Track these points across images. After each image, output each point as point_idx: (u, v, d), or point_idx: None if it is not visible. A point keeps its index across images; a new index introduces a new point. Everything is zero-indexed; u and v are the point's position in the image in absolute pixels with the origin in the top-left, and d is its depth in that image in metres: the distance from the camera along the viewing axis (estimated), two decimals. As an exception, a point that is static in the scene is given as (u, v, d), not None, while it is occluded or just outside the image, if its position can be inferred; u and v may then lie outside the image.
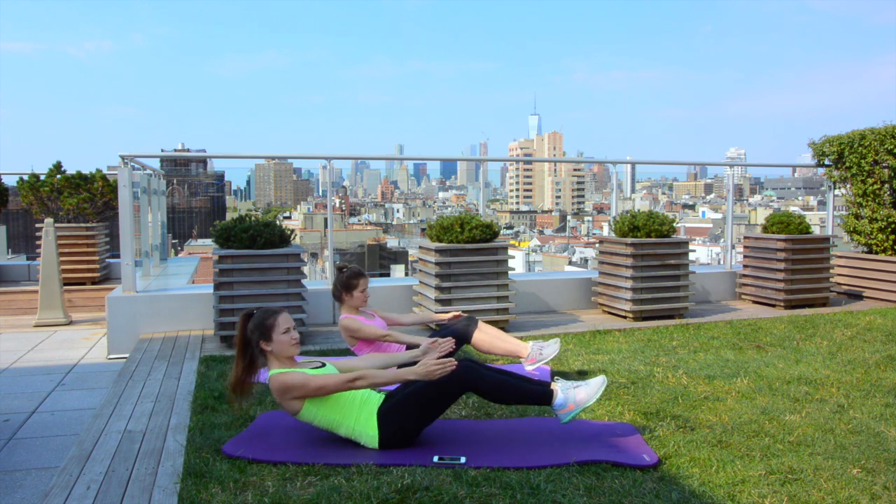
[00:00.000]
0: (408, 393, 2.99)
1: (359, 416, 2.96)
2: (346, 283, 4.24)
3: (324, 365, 3.12)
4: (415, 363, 3.16)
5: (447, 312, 4.39)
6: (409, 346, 4.04)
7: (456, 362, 2.97)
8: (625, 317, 6.07)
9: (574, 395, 3.04)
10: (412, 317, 4.70)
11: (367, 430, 2.95)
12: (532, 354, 4.11)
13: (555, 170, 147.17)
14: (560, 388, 3.06)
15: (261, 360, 3.09)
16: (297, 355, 3.16)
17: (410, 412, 2.96)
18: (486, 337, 4.13)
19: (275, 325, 3.03)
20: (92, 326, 6.66)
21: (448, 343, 3.46)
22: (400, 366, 3.26)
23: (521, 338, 5.29)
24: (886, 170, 7.16)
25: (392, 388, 3.22)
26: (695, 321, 5.94)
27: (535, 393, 3.07)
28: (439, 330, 4.25)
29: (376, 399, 3.02)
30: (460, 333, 4.12)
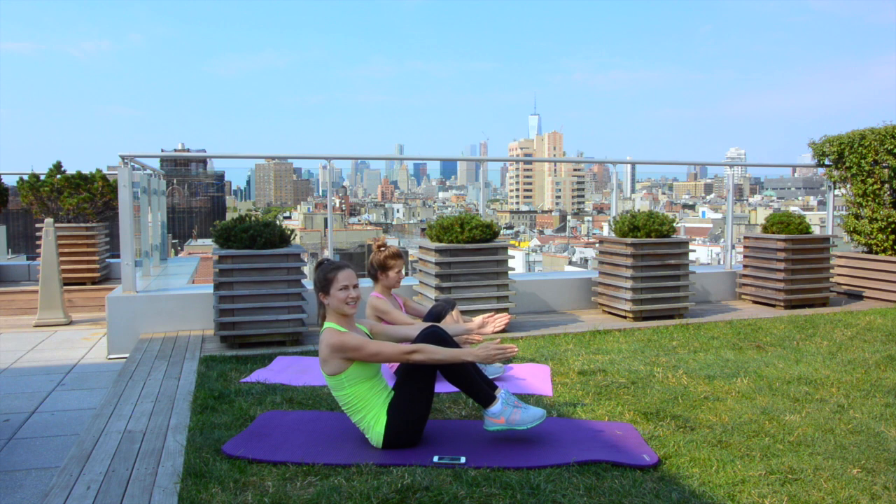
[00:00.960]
0: (400, 381, 3.00)
1: (377, 413, 2.97)
2: (384, 262, 4.28)
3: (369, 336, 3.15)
4: (466, 338, 3.15)
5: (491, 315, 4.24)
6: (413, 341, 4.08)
7: (517, 349, 3.03)
8: (625, 317, 6.07)
9: (510, 413, 2.99)
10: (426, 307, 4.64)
11: (376, 426, 2.95)
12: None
13: (555, 170, 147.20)
14: (501, 400, 3.01)
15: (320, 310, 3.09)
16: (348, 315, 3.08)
17: (408, 399, 2.96)
18: (449, 321, 4.18)
19: (334, 279, 3.03)
20: (92, 326, 6.66)
21: (503, 318, 3.49)
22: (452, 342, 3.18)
23: (520, 338, 5.29)
24: (886, 170, 7.16)
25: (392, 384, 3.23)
26: (695, 321, 5.94)
27: (481, 390, 3.04)
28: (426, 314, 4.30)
29: (389, 397, 3.03)
30: (436, 315, 4.22)
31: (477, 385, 3.03)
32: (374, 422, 2.96)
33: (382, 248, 4.35)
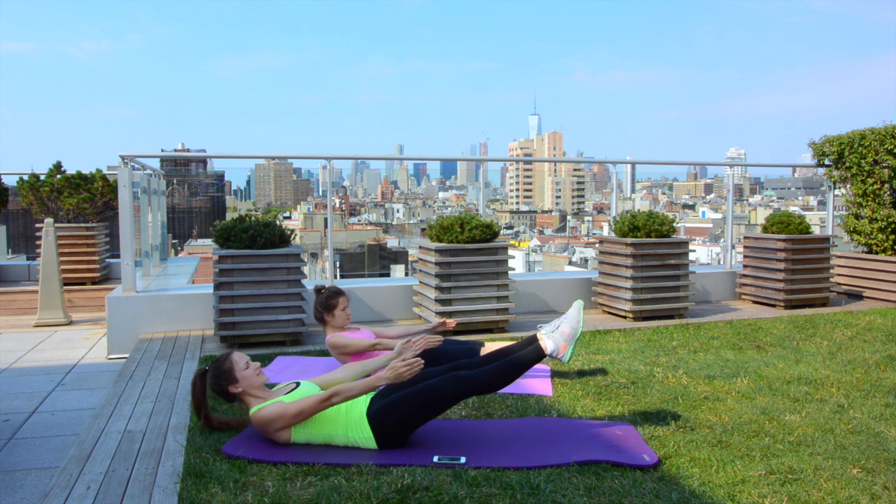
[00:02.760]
0: (401, 397, 2.96)
1: (348, 424, 2.96)
2: (326, 303, 4.23)
3: (298, 384, 3.13)
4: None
5: (440, 318, 4.30)
6: None
7: (423, 361, 2.96)
8: (625, 317, 6.07)
9: (560, 335, 3.09)
10: (399, 329, 4.66)
11: (360, 434, 2.94)
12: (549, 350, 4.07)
13: (555, 170, 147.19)
14: (546, 337, 3.12)
15: (238, 405, 3.17)
16: (266, 384, 3.20)
17: (406, 415, 2.95)
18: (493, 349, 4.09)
19: (233, 366, 3.08)
20: (92, 326, 6.66)
21: (421, 341, 3.40)
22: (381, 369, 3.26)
23: (520, 338, 5.29)
24: (886, 170, 7.16)
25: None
26: (695, 321, 5.94)
27: (528, 357, 3.11)
28: (447, 346, 4.09)
29: (361, 402, 3.01)
30: (466, 356, 4.01)
31: (523, 360, 3.11)
32: (354, 433, 2.95)
33: (322, 291, 4.29)
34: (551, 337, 3.10)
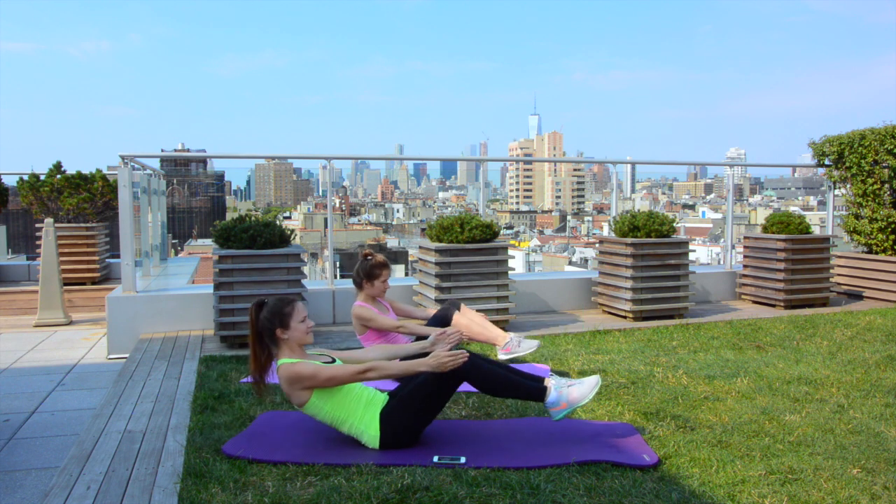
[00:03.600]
0: (408, 391, 2.99)
1: (363, 416, 2.96)
2: (370, 271, 4.23)
3: (333, 361, 3.13)
4: (422, 355, 3.16)
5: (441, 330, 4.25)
6: (420, 338, 4.02)
7: (468, 354, 2.97)
8: (625, 317, 6.07)
9: (567, 394, 3.03)
10: (426, 312, 4.58)
11: (368, 429, 2.95)
12: (509, 344, 4.10)
13: (555, 170, 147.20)
14: (553, 386, 3.05)
15: (273, 349, 3.06)
16: (307, 348, 3.14)
17: (412, 409, 2.95)
18: (465, 321, 4.13)
19: (293, 312, 3.02)
20: (92, 326, 6.66)
21: (457, 334, 3.43)
22: (407, 357, 3.25)
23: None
24: (886, 170, 7.16)
25: (392, 388, 3.22)
26: (695, 321, 5.94)
27: (528, 388, 3.06)
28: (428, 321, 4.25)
29: (381, 400, 3.02)
30: (440, 319, 4.16)
31: (524, 386, 3.05)
32: (364, 426, 2.95)
33: (369, 257, 4.28)
34: (559, 390, 3.04)
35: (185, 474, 2.71)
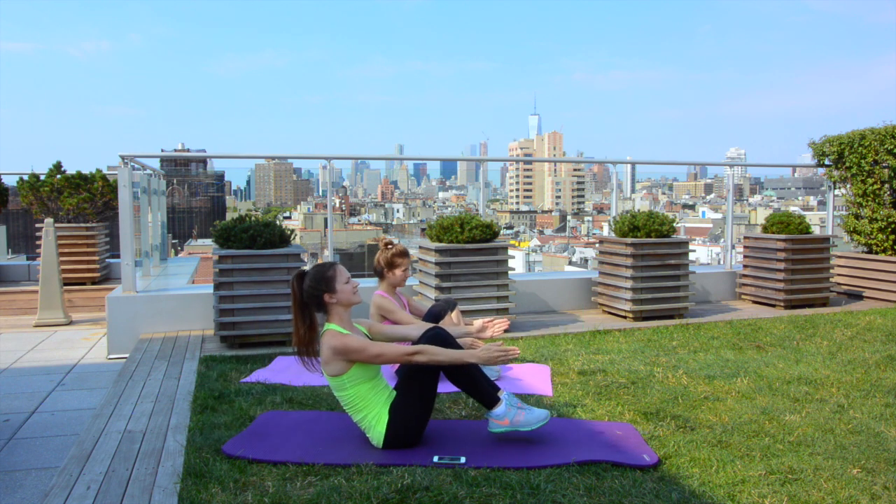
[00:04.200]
0: (402, 383, 3.01)
1: (378, 412, 2.97)
2: (392, 259, 4.28)
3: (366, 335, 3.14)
4: (472, 342, 3.13)
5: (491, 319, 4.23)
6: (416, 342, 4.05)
7: (518, 350, 2.99)
8: (625, 317, 6.07)
9: (514, 414, 2.98)
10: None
11: (378, 425, 2.95)
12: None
13: (555, 170, 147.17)
14: (505, 401, 3.01)
15: (319, 317, 3.05)
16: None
17: (407, 403, 2.96)
18: (450, 323, 4.20)
19: (336, 275, 3.01)
20: (92, 326, 6.66)
21: (503, 323, 3.45)
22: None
23: (520, 338, 5.29)
24: (886, 170, 7.16)
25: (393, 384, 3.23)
26: (695, 321, 5.94)
27: (485, 391, 3.02)
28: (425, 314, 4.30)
29: (392, 398, 3.03)
30: (437, 314, 4.22)
31: (481, 386, 3.03)
32: (375, 421, 2.96)
33: (389, 246, 4.34)
34: (508, 406, 3.00)
35: (185, 474, 2.71)
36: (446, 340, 3.05)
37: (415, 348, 2.94)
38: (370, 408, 2.97)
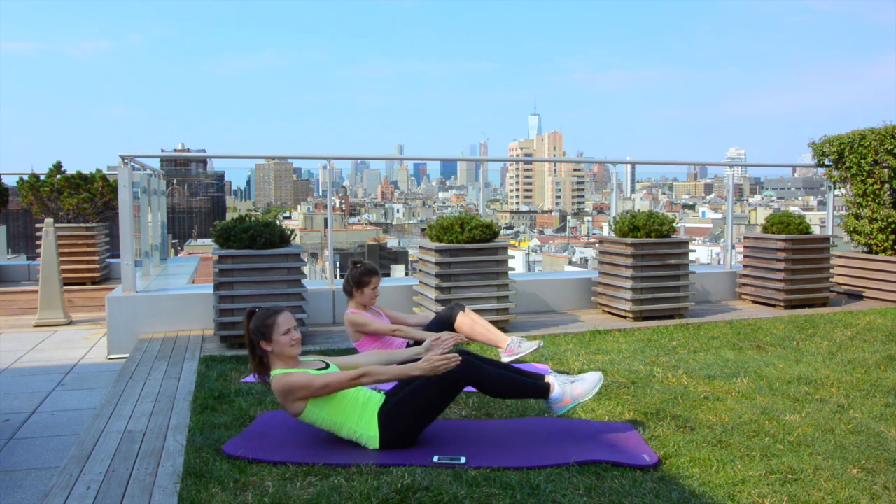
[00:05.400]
0: (408, 392, 2.99)
1: (360, 418, 2.96)
2: (359, 279, 4.25)
3: (327, 366, 3.11)
4: (417, 360, 3.15)
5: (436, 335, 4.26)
6: (417, 342, 4.03)
7: (460, 358, 2.97)
8: (625, 317, 6.07)
9: (570, 390, 3.07)
10: (419, 317, 4.64)
11: (368, 430, 2.94)
12: (511, 346, 4.14)
13: (555, 170, 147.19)
14: (557, 383, 3.09)
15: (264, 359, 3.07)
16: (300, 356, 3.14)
17: (412, 411, 2.95)
18: (468, 321, 4.18)
19: (274, 325, 2.99)
20: (92, 326, 6.66)
21: (451, 339, 3.45)
22: (402, 362, 3.26)
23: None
24: (886, 170, 7.16)
25: (389, 387, 3.23)
26: (695, 321, 5.94)
27: (532, 387, 3.09)
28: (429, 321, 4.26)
29: (377, 400, 3.02)
30: (444, 318, 4.19)
31: (527, 387, 3.08)
32: (362, 428, 2.95)
33: (358, 265, 4.30)
34: (562, 386, 3.09)
35: (185, 474, 2.71)
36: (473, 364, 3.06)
37: (360, 371, 2.94)
38: (349, 417, 2.96)
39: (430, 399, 2.97)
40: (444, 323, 4.17)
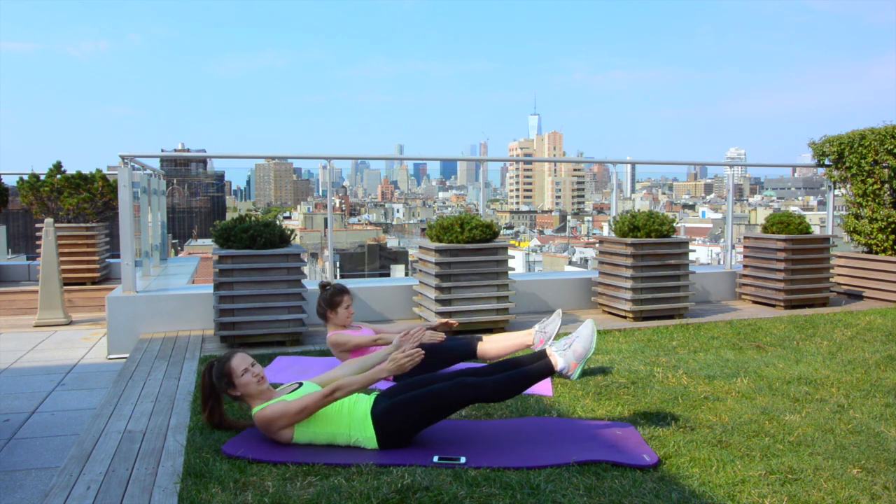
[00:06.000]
0: (407, 399, 2.97)
1: (351, 423, 2.96)
2: (331, 300, 4.24)
3: (301, 385, 3.13)
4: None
5: (441, 318, 4.33)
6: None
7: (423, 352, 2.99)
8: (625, 317, 6.07)
9: (572, 354, 3.11)
10: (400, 326, 4.67)
11: (363, 433, 2.94)
12: (537, 338, 4.13)
13: (555, 170, 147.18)
14: (557, 354, 3.11)
15: (242, 404, 3.14)
16: (268, 387, 3.14)
17: (411, 417, 2.95)
18: (491, 345, 4.14)
19: (231, 370, 3.04)
20: (92, 326, 6.66)
21: (419, 333, 3.46)
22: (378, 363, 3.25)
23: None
24: (886, 170, 7.16)
25: (385, 386, 3.23)
26: (695, 321, 5.94)
27: (537, 371, 3.10)
28: (445, 342, 4.09)
29: (365, 401, 3.02)
30: (464, 351, 4.12)
31: (532, 374, 3.09)
32: (357, 432, 2.95)
33: (327, 287, 4.29)
34: (563, 354, 3.11)
35: (185, 474, 2.71)
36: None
37: (331, 387, 2.94)
38: (340, 425, 2.96)
39: (432, 412, 2.97)
40: (465, 355, 4.11)
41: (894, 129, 7.04)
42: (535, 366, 3.12)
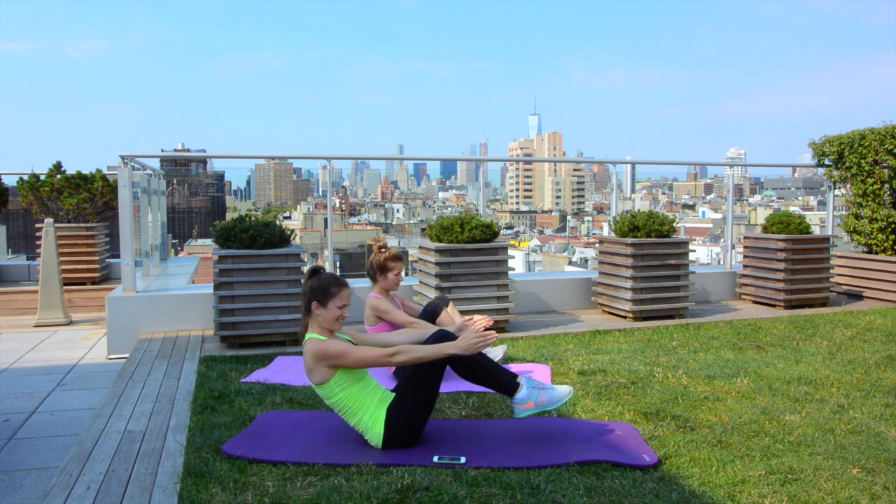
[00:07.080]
0: (403, 384, 3.01)
1: (374, 413, 2.97)
2: (384, 263, 4.32)
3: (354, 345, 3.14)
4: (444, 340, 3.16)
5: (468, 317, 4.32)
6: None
7: (496, 335, 3.02)
8: (625, 317, 6.07)
9: (537, 396, 3.04)
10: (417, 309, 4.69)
11: (374, 426, 2.95)
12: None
13: (555, 170, 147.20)
14: (525, 385, 3.07)
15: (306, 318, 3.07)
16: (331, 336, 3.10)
17: (408, 403, 2.96)
18: (447, 319, 4.27)
19: (336, 295, 3.01)
20: (92, 326, 6.66)
21: (483, 321, 3.51)
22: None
23: (520, 338, 5.30)
24: (886, 170, 7.16)
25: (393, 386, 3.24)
26: (695, 321, 5.94)
27: (502, 381, 3.07)
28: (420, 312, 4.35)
29: (388, 399, 3.03)
30: (429, 313, 4.29)
31: (499, 377, 3.06)
32: (371, 423, 2.96)
33: (383, 250, 4.37)
34: (529, 390, 3.06)
35: (185, 474, 2.71)
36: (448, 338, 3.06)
37: (394, 349, 2.94)
38: (364, 409, 2.97)
39: (420, 385, 2.97)
40: (429, 318, 4.28)
41: (894, 129, 7.04)
42: (504, 378, 3.08)
